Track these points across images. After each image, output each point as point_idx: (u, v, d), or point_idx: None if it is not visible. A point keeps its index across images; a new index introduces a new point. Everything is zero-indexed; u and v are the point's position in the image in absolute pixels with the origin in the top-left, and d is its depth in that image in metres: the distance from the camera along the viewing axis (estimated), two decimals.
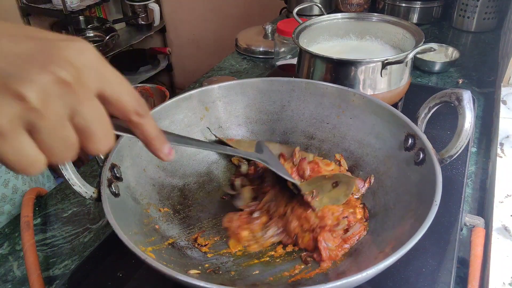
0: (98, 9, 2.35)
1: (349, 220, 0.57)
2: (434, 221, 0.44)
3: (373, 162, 0.63)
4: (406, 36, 0.84)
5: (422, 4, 1.36)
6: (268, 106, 0.72)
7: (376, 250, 0.50)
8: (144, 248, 0.48)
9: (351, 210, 0.59)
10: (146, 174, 0.60)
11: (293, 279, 0.52)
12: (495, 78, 1.05)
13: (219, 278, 0.52)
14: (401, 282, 0.53)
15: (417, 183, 0.53)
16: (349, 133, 0.67)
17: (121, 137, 0.58)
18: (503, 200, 0.63)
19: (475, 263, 0.55)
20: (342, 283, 0.38)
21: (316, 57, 0.78)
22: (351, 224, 0.57)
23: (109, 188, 0.51)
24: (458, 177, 0.69)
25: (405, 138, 0.57)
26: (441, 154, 0.52)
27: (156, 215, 0.58)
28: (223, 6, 2.36)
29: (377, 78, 0.75)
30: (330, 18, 0.90)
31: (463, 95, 0.52)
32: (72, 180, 0.48)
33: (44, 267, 0.62)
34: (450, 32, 1.35)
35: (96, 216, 0.71)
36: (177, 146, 0.50)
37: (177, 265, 0.51)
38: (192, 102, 0.68)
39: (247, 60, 1.26)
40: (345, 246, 0.55)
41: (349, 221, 0.57)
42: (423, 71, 1.09)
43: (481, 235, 0.58)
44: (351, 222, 0.57)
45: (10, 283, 0.61)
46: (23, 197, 0.71)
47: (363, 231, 0.57)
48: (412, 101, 0.86)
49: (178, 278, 0.39)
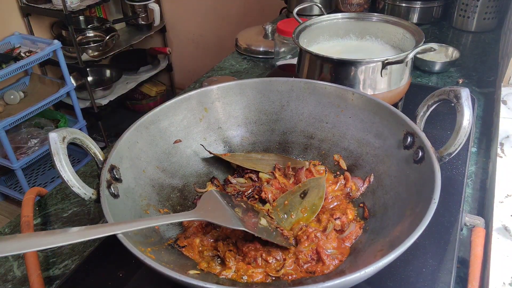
0: (98, 9, 2.35)
1: (342, 221, 0.57)
2: (434, 221, 0.44)
3: (373, 161, 0.63)
4: (406, 36, 0.84)
5: (422, 4, 1.36)
6: (267, 106, 0.72)
7: (376, 248, 0.50)
8: (144, 249, 0.48)
9: (341, 211, 0.59)
10: (145, 175, 0.60)
11: (293, 278, 0.52)
12: (495, 78, 1.04)
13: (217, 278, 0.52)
14: (401, 282, 0.53)
15: (416, 181, 0.53)
16: (348, 132, 0.67)
17: (119, 138, 0.58)
18: (503, 200, 0.63)
19: (475, 263, 0.55)
20: (342, 281, 0.38)
21: (316, 57, 0.78)
22: (345, 224, 0.57)
23: (108, 189, 0.50)
24: (458, 177, 0.69)
25: (404, 137, 0.57)
26: (440, 152, 0.52)
27: (155, 216, 0.58)
28: (223, 6, 2.36)
29: (377, 78, 0.75)
30: (330, 18, 0.90)
31: (461, 93, 0.52)
32: (71, 181, 0.48)
33: (44, 267, 0.62)
34: (450, 32, 1.35)
35: (96, 216, 0.71)
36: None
37: (177, 265, 0.51)
38: (191, 103, 0.68)
39: (247, 60, 1.26)
40: (346, 245, 0.55)
41: (342, 222, 0.57)
42: (423, 71, 1.09)
43: (481, 235, 0.58)
44: (344, 222, 0.57)
45: (10, 283, 0.61)
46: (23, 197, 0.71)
47: (359, 230, 0.57)
48: (412, 101, 0.86)
49: (177, 278, 0.39)
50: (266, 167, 0.69)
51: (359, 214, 0.61)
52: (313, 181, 0.63)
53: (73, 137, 0.49)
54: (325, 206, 0.61)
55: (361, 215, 0.60)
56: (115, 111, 2.61)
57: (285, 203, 0.61)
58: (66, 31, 2.10)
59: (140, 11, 2.35)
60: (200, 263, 0.54)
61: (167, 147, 0.65)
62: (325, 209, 0.61)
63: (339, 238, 0.56)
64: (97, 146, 0.52)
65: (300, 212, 0.60)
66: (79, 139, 0.50)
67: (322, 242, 0.54)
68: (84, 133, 0.51)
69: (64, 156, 0.47)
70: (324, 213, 0.60)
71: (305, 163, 0.68)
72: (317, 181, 0.63)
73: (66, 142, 0.48)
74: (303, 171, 0.66)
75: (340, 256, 0.54)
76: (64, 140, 0.47)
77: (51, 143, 0.46)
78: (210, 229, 0.58)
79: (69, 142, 0.49)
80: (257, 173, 0.68)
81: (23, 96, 1.97)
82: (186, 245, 0.56)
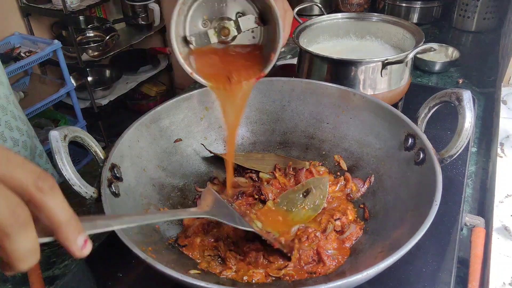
0: (98, 9, 2.35)
1: (342, 222, 0.57)
2: (434, 221, 0.44)
3: (373, 162, 0.63)
4: (406, 36, 0.84)
5: (422, 4, 1.36)
6: (268, 106, 0.72)
7: (376, 250, 0.50)
8: (145, 248, 0.48)
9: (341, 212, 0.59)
10: (146, 174, 0.60)
11: (293, 279, 0.52)
12: (495, 78, 1.05)
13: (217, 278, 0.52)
14: (402, 282, 0.53)
15: (417, 183, 0.53)
16: (349, 133, 0.67)
17: (120, 137, 0.57)
18: (503, 200, 0.63)
19: (475, 263, 0.55)
20: (343, 283, 0.38)
21: (316, 57, 0.78)
22: (345, 225, 0.57)
23: (109, 188, 0.50)
24: (459, 177, 0.69)
25: (405, 138, 0.57)
26: (441, 154, 0.52)
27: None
28: None
29: (377, 78, 0.75)
30: (330, 18, 0.90)
31: (463, 95, 0.52)
32: (72, 180, 0.48)
33: (44, 267, 0.62)
34: (450, 32, 1.35)
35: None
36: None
37: (177, 265, 0.51)
38: (192, 102, 0.68)
39: None
40: (345, 245, 0.55)
41: (343, 223, 0.57)
42: (423, 71, 1.09)
43: (481, 235, 0.58)
44: (345, 223, 0.57)
45: (10, 283, 0.61)
46: None
47: (360, 231, 0.57)
48: (412, 101, 0.86)
49: (178, 278, 0.39)
50: (266, 167, 0.69)
51: (359, 215, 0.61)
52: (316, 181, 0.63)
53: (74, 135, 0.49)
54: (325, 207, 0.61)
55: (361, 216, 0.60)
56: (115, 111, 2.61)
57: (287, 200, 0.61)
58: (66, 31, 2.09)
59: (140, 11, 2.35)
60: (200, 263, 0.54)
61: (167, 146, 0.65)
62: (325, 210, 0.61)
63: (339, 239, 0.56)
64: (98, 145, 0.52)
65: (301, 210, 0.60)
66: (80, 137, 0.50)
67: (322, 243, 0.54)
68: (85, 132, 0.51)
69: (65, 154, 0.47)
70: (324, 214, 0.60)
71: (305, 163, 0.68)
72: (320, 180, 0.63)
73: (67, 140, 0.48)
74: (303, 172, 0.66)
75: (340, 258, 0.54)
76: (65, 139, 0.47)
77: (52, 141, 0.46)
78: (211, 229, 0.58)
79: (70, 141, 0.49)
80: (258, 173, 0.68)
81: (23, 96, 1.97)
82: (186, 244, 0.56)
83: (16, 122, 0.77)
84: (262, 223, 0.58)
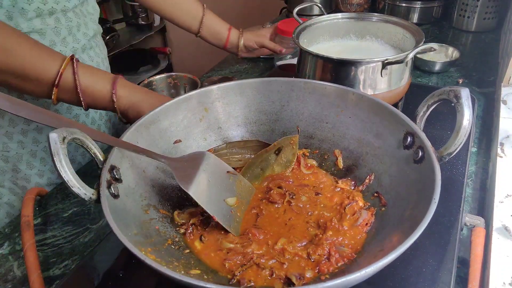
0: None
1: (353, 207, 0.58)
2: (434, 221, 0.44)
3: (373, 161, 0.63)
4: (406, 36, 0.84)
5: (422, 4, 1.36)
6: (267, 106, 0.72)
7: (376, 248, 0.50)
8: (144, 249, 0.48)
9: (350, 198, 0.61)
10: (146, 175, 0.60)
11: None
12: (495, 78, 1.05)
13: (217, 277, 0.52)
14: (401, 282, 0.53)
15: (416, 181, 0.53)
16: (348, 132, 0.67)
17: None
18: (503, 200, 0.63)
19: (475, 263, 0.55)
20: (342, 281, 0.38)
21: (316, 57, 0.78)
22: (356, 212, 0.57)
23: (109, 189, 0.50)
24: (458, 177, 0.69)
25: (404, 137, 0.57)
26: (440, 152, 0.52)
27: (156, 216, 0.58)
28: (223, 6, 2.36)
29: (377, 78, 0.75)
30: (330, 18, 0.90)
31: (461, 93, 0.52)
32: (71, 181, 0.47)
33: (44, 267, 0.62)
34: (450, 32, 1.35)
35: (97, 216, 0.71)
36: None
37: (177, 265, 0.51)
38: (192, 103, 0.68)
39: (247, 60, 1.26)
40: (360, 236, 0.56)
41: (354, 209, 0.57)
42: (423, 71, 1.09)
43: (481, 235, 0.58)
44: (356, 209, 0.57)
45: (10, 283, 0.61)
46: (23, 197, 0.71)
47: (372, 217, 0.57)
48: (412, 101, 0.86)
49: (178, 278, 0.39)
50: (246, 155, 0.72)
51: (375, 204, 0.60)
52: (285, 140, 0.69)
53: (73, 137, 0.49)
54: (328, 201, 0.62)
55: (377, 204, 0.59)
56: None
57: (261, 160, 0.68)
58: None
59: (140, 11, 2.35)
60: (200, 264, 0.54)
61: (167, 147, 0.65)
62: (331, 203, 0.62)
63: (354, 226, 0.56)
64: (97, 146, 0.52)
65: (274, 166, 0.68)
66: (79, 139, 0.50)
67: (341, 233, 0.55)
68: (84, 134, 0.51)
69: (64, 156, 0.46)
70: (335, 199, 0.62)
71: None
72: (290, 138, 0.68)
73: (66, 142, 0.48)
74: None
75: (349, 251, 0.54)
76: (64, 140, 0.47)
77: (51, 143, 0.46)
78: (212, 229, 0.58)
79: (68, 142, 0.49)
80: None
81: None
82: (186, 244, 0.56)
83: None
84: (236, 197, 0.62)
